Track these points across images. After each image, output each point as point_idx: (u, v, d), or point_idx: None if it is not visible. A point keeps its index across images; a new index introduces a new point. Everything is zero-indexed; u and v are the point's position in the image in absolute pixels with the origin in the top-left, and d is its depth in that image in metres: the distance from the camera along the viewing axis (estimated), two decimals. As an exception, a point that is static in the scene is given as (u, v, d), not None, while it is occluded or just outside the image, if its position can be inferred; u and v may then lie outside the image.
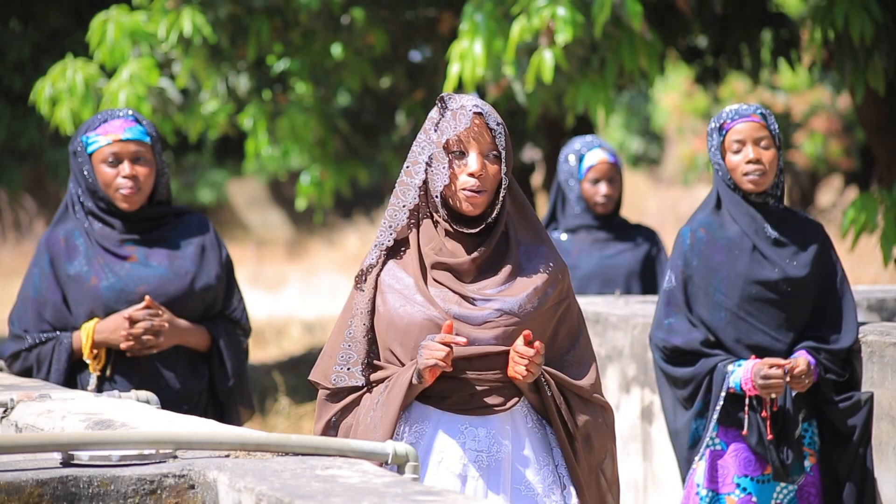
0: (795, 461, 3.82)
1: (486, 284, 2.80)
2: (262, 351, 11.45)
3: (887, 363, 3.84)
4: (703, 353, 3.81)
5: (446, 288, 2.79)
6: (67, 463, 2.27)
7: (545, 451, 2.83)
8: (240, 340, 3.90)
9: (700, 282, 3.84)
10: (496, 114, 2.81)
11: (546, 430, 2.85)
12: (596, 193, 5.16)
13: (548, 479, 2.81)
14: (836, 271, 3.89)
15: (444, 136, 2.78)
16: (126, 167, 3.73)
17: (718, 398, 3.78)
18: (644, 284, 5.21)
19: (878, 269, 10.27)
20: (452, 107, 2.79)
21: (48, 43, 8.56)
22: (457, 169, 2.78)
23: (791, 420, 3.79)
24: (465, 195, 2.77)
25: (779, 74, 12.22)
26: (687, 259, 3.86)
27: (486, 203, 2.79)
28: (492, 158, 2.78)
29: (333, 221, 20.59)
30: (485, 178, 2.77)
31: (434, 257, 2.80)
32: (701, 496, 3.87)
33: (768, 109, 3.88)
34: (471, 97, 2.82)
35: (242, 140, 9.02)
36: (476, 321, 2.76)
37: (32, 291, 3.78)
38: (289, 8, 6.78)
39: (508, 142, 2.82)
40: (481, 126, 2.77)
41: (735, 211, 3.85)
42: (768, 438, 3.76)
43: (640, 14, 5.39)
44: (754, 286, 3.80)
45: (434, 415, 2.80)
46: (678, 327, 3.85)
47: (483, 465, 2.77)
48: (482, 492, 2.77)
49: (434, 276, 2.80)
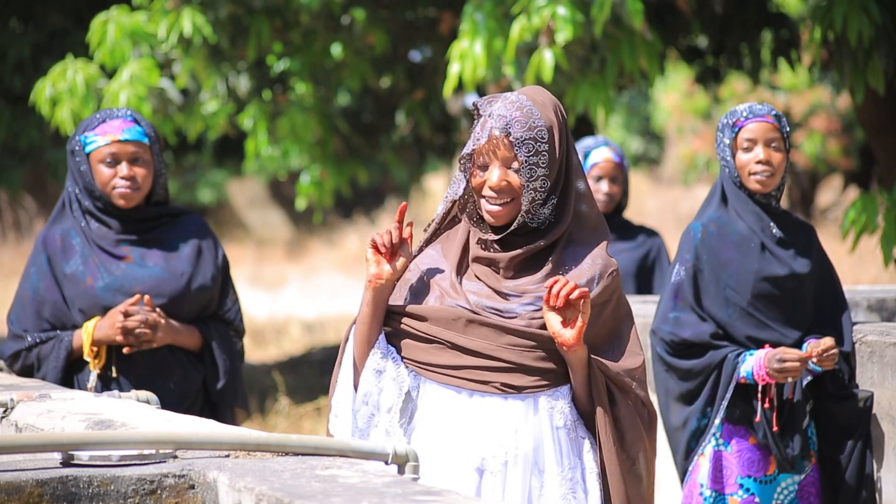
0: (801, 452, 3.83)
1: (523, 282, 2.79)
2: (262, 351, 11.45)
3: (887, 363, 3.84)
4: (712, 345, 3.82)
5: (482, 283, 2.79)
6: (67, 463, 2.27)
7: (573, 453, 2.78)
8: (233, 341, 3.91)
9: (710, 276, 3.85)
10: (539, 114, 2.74)
11: (578, 432, 2.81)
12: (597, 191, 5.16)
13: (571, 481, 2.77)
14: (831, 272, 3.95)
15: (468, 147, 2.78)
16: (124, 168, 3.73)
17: (728, 388, 3.79)
18: (639, 286, 5.21)
19: (878, 269, 10.26)
20: (485, 112, 2.78)
21: (48, 43, 8.56)
22: (480, 179, 2.79)
23: (799, 411, 3.80)
24: (486, 207, 2.79)
25: (779, 74, 12.22)
26: (698, 253, 3.87)
27: (509, 213, 2.78)
28: (515, 169, 2.76)
29: (333, 221, 20.59)
30: (506, 190, 2.76)
31: (477, 251, 2.81)
32: (705, 496, 3.88)
33: (781, 112, 3.90)
34: (512, 99, 2.77)
35: (242, 140, 9.02)
36: (506, 314, 2.76)
37: (30, 291, 3.78)
38: (289, 8, 6.79)
39: (555, 140, 2.75)
40: (503, 138, 2.75)
41: (741, 209, 3.86)
42: (774, 430, 3.78)
43: (640, 13, 5.39)
44: (764, 282, 3.81)
45: (456, 402, 2.76)
46: (686, 320, 3.85)
47: (502, 461, 2.75)
48: (499, 488, 2.74)
49: (474, 271, 2.81)
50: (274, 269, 17.35)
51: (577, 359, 2.75)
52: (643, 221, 5.82)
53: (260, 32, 6.63)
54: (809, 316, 3.87)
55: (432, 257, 2.87)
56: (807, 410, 3.83)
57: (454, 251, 2.84)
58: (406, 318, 2.80)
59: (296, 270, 17.42)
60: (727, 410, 3.83)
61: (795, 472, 3.84)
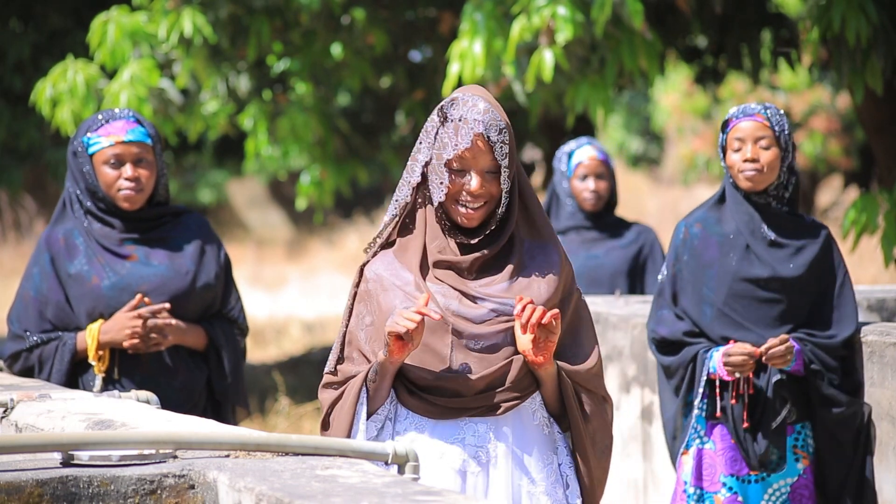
0: (778, 454, 3.82)
1: (487, 282, 2.80)
2: (262, 351, 11.45)
3: (887, 363, 3.84)
4: (685, 342, 3.87)
5: (447, 285, 2.79)
6: (67, 463, 2.27)
7: (549, 449, 2.83)
8: (237, 340, 3.91)
9: (689, 277, 3.89)
10: (499, 116, 2.76)
11: (553, 427, 2.85)
12: (584, 189, 5.18)
13: (551, 476, 2.81)
14: (837, 276, 3.88)
15: (444, 152, 2.76)
16: (128, 169, 3.73)
17: (700, 384, 3.81)
18: (631, 283, 5.22)
19: (878, 269, 10.26)
20: (454, 117, 2.76)
21: (48, 43, 8.56)
22: (455, 184, 2.77)
23: (770, 409, 3.80)
24: (462, 210, 2.78)
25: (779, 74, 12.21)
26: (678, 253, 3.93)
27: (483, 215, 2.79)
28: (493, 173, 2.77)
29: (333, 221, 20.59)
30: (484, 195, 2.77)
31: (437, 255, 2.81)
32: (688, 493, 3.89)
33: (780, 111, 3.87)
34: (473, 102, 2.76)
35: (242, 140, 9.03)
36: (476, 319, 2.77)
37: (33, 291, 3.78)
38: (289, 8, 6.79)
39: (512, 143, 2.79)
40: (482, 143, 2.75)
41: (735, 208, 3.87)
42: (743, 427, 3.79)
43: (640, 13, 5.39)
44: (741, 283, 3.82)
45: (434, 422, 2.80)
46: (665, 318, 3.91)
47: (483, 461, 2.77)
48: (482, 488, 2.76)
49: (436, 274, 2.81)
50: (274, 269, 17.35)
51: (547, 374, 2.80)
52: (642, 221, 5.83)
53: (260, 32, 6.63)
54: (798, 318, 3.84)
55: (388, 263, 2.85)
56: (784, 410, 3.81)
57: (414, 256, 2.82)
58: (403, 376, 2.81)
59: (296, 270, 17.41)
60: (709, 408, 3.84)
61: (775, 473, 3.83)
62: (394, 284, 2.81)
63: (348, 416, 2.76)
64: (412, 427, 2.80)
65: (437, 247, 2.81)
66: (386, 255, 2.87)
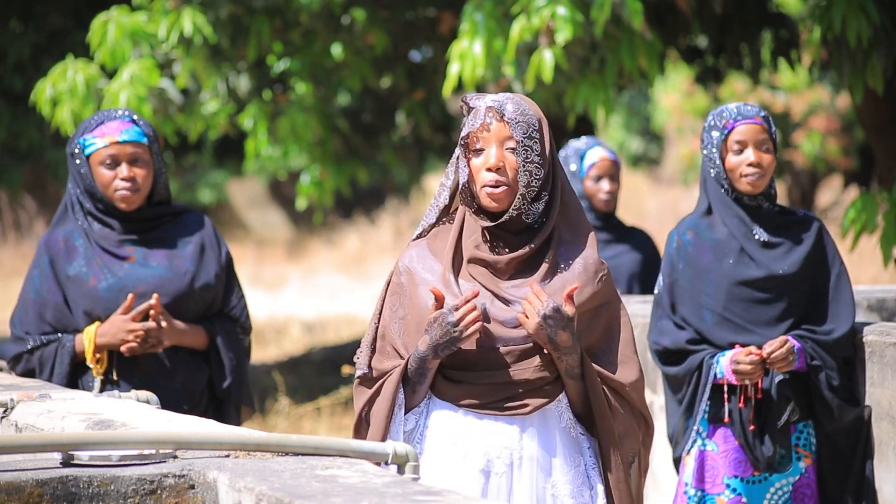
0: (783, 453, 3.82)
1: (520, 283, 2.79)
2: (262, 351, 11.46)
3: (887, 363, 3.83)
4: (689, 350, 3.84)
5: (480, 284, 2.79)
6: (67, 463, 2.27)
7: (575, 451, 2.81)
8: (239, 338, 3.90)
9: (686, 285, 3.86)
10: (522, 105, 2.79)
11: (578, 429, 2.83)
12: (599, 191, 5.16)
13: (577, 479, 2.79)
14: (832, 268, 3.87)
15: (465, 131, 2.80)
16: (124, 169, 3.73)
17: (705, 390, 3.80)
18: (643, 287, 5.22)
19: (878, 269, 10.26)
20: (474, 105, 2.82)
21: (48, 43, 8.56)
22: (477, 166, 2.78)
23: (774, 410, 3.79)
24: (485, 192, 2.77)
25: (778, 74, 12.21)
26: (673, 263, 3.89)
27: (508, 197, 2.78)
28: (511, 150, 2.77)
29: (333, 221, 20.59)
30: (503, 171, 2.77)
31: (473, 251, 2.80)
32: (689, 496, 3.88)
33: (767, 112, 3.87)
34: (495, 94, 2.83)
35: (242, 140, 9.02)
36: (509, 323, 2.76)
37: (33, 293, 3.78)
38: (289, 8, 6.78)
39: (544, 134, 2.79)
40: (497, 120, 2.77)
41: (724, 213, 3.84)
42: (750, 429, 3.78)
43: (640, 13, 5.39)
44: (739, 286, 3.81)
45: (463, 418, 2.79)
46: (666, 328, 3.88)
47: (508, 463, 2.76)
48: (506, 489, 2.75)
49: (469, 271, 2.81)
50: (274, 269, 17.35)
51: (569, 367, 2.77)
52: (643, 222, 5.84)
53: (260, 32, 6.63)
54: (798, 314, 3.84)
55: (421, 255, 2.86)
56: (787, 410, 3.81)
57: (447, 250, 2.83)
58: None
59: (296, 270, 17.41)
60: (712, 410, 3.83)
61: (777, 473, 3.83)
62: (424, 279, 2.82)
63: (386, 414, 2.77)
64: (438, 426, 2.79)
65: (473, 241, 2.81)
66: (419, 245, 2.88)
